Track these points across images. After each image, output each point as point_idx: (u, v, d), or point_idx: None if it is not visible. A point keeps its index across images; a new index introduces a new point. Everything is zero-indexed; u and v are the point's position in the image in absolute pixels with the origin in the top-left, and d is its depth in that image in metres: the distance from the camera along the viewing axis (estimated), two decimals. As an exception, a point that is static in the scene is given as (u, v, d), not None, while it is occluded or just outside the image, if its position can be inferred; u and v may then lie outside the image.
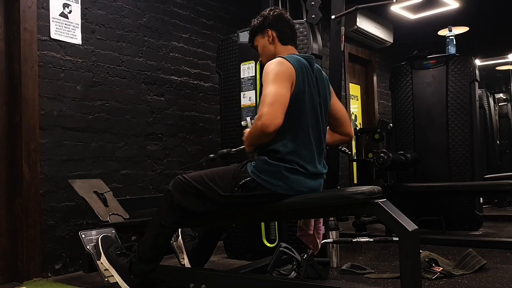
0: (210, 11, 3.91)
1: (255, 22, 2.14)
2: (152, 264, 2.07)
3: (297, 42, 2.22)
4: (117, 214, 2.69)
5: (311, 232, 2.14)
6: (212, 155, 2.31)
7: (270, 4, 3.24)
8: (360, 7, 3.01)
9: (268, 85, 1.85)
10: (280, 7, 2.16)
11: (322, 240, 2.22)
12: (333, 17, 3.03)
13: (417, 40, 5.63)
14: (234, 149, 2.23)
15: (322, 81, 2.08)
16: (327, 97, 2.10)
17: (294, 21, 2.81)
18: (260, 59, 2.18)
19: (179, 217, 2.04)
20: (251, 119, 2.11)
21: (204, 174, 2.04)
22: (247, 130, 2.01)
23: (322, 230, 2.20)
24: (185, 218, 2.07)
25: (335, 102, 2.19)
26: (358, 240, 2.06)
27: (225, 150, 2.29)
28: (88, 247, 2.30)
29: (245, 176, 1.92)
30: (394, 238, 1.73)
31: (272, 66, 1.91)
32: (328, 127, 2.17)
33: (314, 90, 1.99)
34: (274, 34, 2.09)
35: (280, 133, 1.88)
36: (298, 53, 2.11)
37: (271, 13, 2.10)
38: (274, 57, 2.04)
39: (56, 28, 2.81)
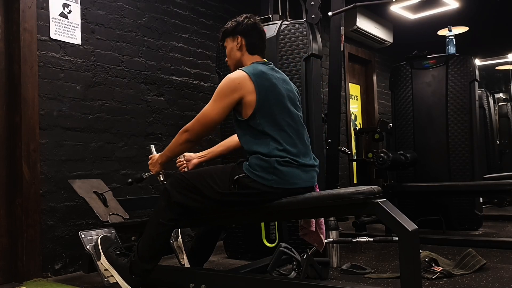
0: (210, 11, 3.91)
1: (229, 25, 2.21)
2: (152, 262, 2.07)
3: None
4: (117, 214, 2.69)
5: (313, 229, 2.14)
6: (129, 180, 2.59)
7: (270, 4, 3.24)
8: (358, 5, 3.00)
9: (209, 102, 2.09)
10: (256, 16, 2.24)
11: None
12: (330, 14, 3.02)
13: (417, 40, 5.63)
14: (146, 174, 2.42)
15: (285, 80, 2.16)
16: (295, 92, 2.17)
17: (294, 21, 2.85)
18: (226, 59, 2.26)
19: (177, 214, 2.05)
20: (153, 146, 2.40)
21: (202, 171, 2.08)
22: (153, 155, 2.27)
23: (323, 225, 2.22)
24: (183, 215, 2.08)
25: None
26: (358, 240, 2.06)
27: (138, 175, 2.55)
28: (88, 247, 2.30)
29: (240, 172, 1.96)
30: (394, 238, 1.73)
31: (222, 82, 2.05)
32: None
33: (280, 89, 2.05)
34: (243, 42, 2.16)
35: (260, 136, 1.97)
36: (263, 60, 2.17)
37: (245, 21, 2.17)
38: (239, 62, 2.18)
39: (56, 28, 2.81)
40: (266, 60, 2.19)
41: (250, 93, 1.98)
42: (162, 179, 2.28)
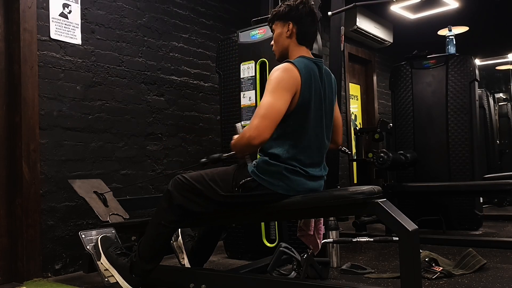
0: (210, 11, 3.91)
1: (281, 8, 2.03)
2: (153, 263, 2.07)
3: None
4: (117, 214, 2.69)
5: (311, 233, 2.14)
6: (203, 160, 2.28)
7: (270, 4, 3.24)
8: (358, 4, 3.00)
9: (267, 94, 1.85)
10: (311, 2, 2.05)
11: (322, 240, 2.22)
12: (330, 13, 3.02)
13: (417, 40, 5.63)
14: (225, 154, 2.21)
15: (330, 86, 2.06)
16: (333, 102, 2.08)
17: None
18: (272, 43, 2.10)
19: (178, 216, 2.04)
20: (240, 124, 2.11)
21: (204, 173, 2.04)
22: (236, 136, 1.98)
23: (322, 230, 2.20)
24: (185, 217, 2.07)
25: (335, 109, 2.17)
26: (358, 240, 2.07)
27: (216, 155, 2.27)
28: (88, 247, 2.30)
29: (246, 176, 1.93)
30: (394, 238, 1.73)
31: (276, 73, 1.87)
32: None
33: (321, 96, 1.97)
34: (294, 30, 2.00)
35: (282, 138, 1.89)
36: (310, 55, 2.05)
37: (300, 6, 1.99)
38: (285, 50, 2.03)
39: (56, 28, 2.81)
40: (310, 54, 2.04)
41: (298, 91, 1.88)
42: (249, 161, 2.02)
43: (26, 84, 2.63)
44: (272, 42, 2.10)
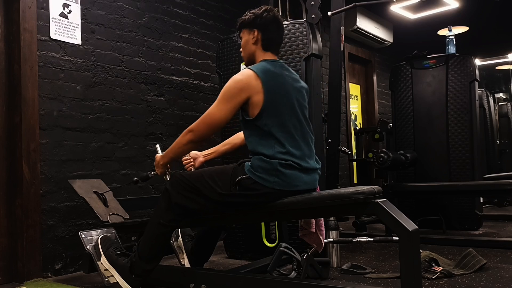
0: (210, 11, 3.91)
1: (247, 16, 2.14)
2: (153, 263, 2.07)
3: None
4: (117, 214, 2.69)
5: (313, 230, 2.14)
6: (135, 178, 2.54)
7: (270, 4, 3.24)
8: (358, 4, 3.00)
9: (214, 103, 2.04)
10: (275, 9, 2.15)
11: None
12: (329, 13, 3.02)
13: (417, 39, 5.63)
14: (152, 173, 2.38)
15: (295, 79, 2.12)
16: (304, 93, 2.13)
17: (294, 21, 2.84)
18: (241, 50, 2.20)
19: (177, 215, 2.05)
20: (159, 146, 2.38)
21: (203, 172, 2.06)
22: (158, 155, 2.22)
23: (323, 227, 2.21)
24: (184, 216, 2.07)
25: None
26: (358, 240, 2.06)
27: (144, 174, 2.50)
28: (88, 247, 2.30)
29: (242, 174, 1.95)
30: (394, 238, 1.73)
31: (228, 83, 2.01)
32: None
33: (289, 90, 2.03)
34: (259, 37, 2.09)
35: (265, 138, 1.94)
36: (275, 58, 2.13)
37: (264, 14, 2.09)
38: (252, 56, 2.13)
39: (56, 28, 2.81)
40: (277, 58, 2.13)
41: (257, 92, 1.94)
42: (168, 179, 2.23)
43: (26, 84, 2.63)
44: (241, 49, 2.19)
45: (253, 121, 1.98)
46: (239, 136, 2.38)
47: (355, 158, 4.61)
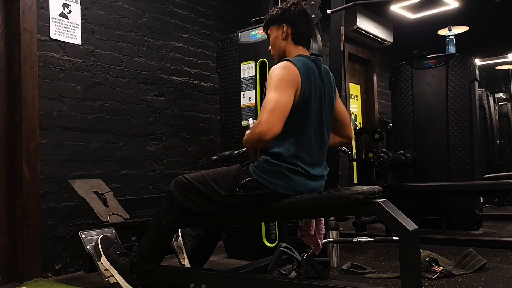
0: (210, 11, 3.91)
1: (274, 12, 2.06)
2: (153, 263, 2.07)
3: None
4: (117, 214, 2.69)
5: (312, 233, 2.14)
6: (214, 157, 2.30)
7: (270, 4, 3.23)
8: (358, 3, 2.99)
9: (271, 91, 1.85)
10: (303, 2, 2.08)
11: (323, 240, 2.22)
12: (329, 11, 3.02)
13: (417, 39, 5.63)
14: (236, 151, 2.23)
15: (329, 84, 2.06)
16: (333, 100, 2.08)
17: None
18: (269, 48, 2.13)
19: (179, 217, 2.04)
20: (253, 119, 2.08)
21: (205, 174, 2.04)
22: (248, 132, 1.98)
23: (323, 230, 2.20)
24: (186, 218, 2.07)
25: (339, 104, 2.16)
26: (358, 240, 2.07)
27: (227, 152, 2.29)
28: (88, 247, 2.30)
29: (247, 176, 1.92)
30: (395, 238, 1.73)
31: (277, 71, 1.89)
32: None
33: (321, 93, 1.98)
34: (289, 31, 2.02)
35: (283, 136, 1.87)
36: (308, 54, 2.07)
37: (292, 8, 2.02)
38: (282, 52, 2.05)
39: (56, 28, 2.81)
40: (308, 53, 2.06)
41: (298, 88, 1.88)
42: (258, 158, 2.00)
43: (26, 84, 2.63)
44: (270, 47, 2.12)
45: None
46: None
47: (355, 158, 4.61)
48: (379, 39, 5.88)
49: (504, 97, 7.09)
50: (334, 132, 2.18)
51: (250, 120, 2.10)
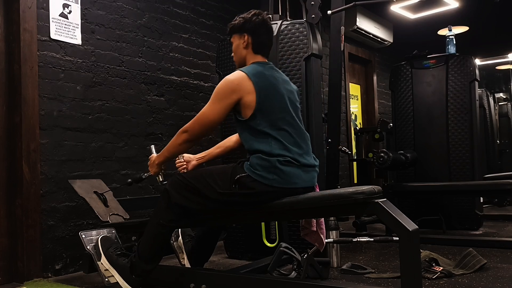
0: (210, 11, 3.91)
1: (237, 21, 2.18)
2: (153, 263, 2.07)
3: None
4: (117, 214, 2.69)
5: (314, 229, 2.15)
6: (129, 180, 2.56)
7: (270, 4, 3.24)
8: (358, 3, 3.00)
9: (207, 103, 2.09)
10: (264, 12, 2.20)
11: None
12: (329, 12, 3.02)
13: (417, 39, 5.63)
14: (145, 174, 2.42)
15: (284, 80, 2.16)
16: (294, 92, 2.16)
17: (294, 21, 2.84)
18: (232, 54, 2.25)
19: (177, 215, 2.05)
20: (154, 146, 2.40)
21: (202, 172, 2.07)
22: (152, 156, 2.26)
23: (323, 225, 2.22)
24: (183, 216, 2.08)
25: None
26: (358, 239, 2.06)
27: (138, 175, 2.55)
28: (88, 247, 2.30)
29: (241, 172, 1.95)
30: (395, 238, 1.73)
31: (219, 84, 2.06)
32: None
33: (280, 90, 2.05)
34: (250, 41, 2.13)
35: (262, 135, 1.96)
36: (264, 60, 2.16)
37: (253, 18, 2.13)
38: (243, 60, 2.17)
39: (56, 28, 2.81)
40: (266, 60, 2.18)
41: (249, 93, 1.98)
42: (161, 179, 2.29)
43: (26, 84, 2.63)
44: (232, 54, 2.23)
45: (247, 121, 2.00)
46: (231, 139, 2.42)
47: (355, 158, 4.61)
48: (379, 39, 5.88)
49: (504, 97, 7.09)
50: None
51: (152, 147, 2.39)
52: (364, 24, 5.44)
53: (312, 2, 2.98)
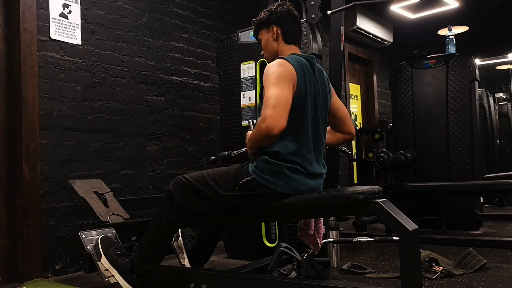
0: (210, 11, 3.91)
1: (262, 16, 2.10)
2: (153, 263, 2.07)
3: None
4: (117, 214, 2.69)
5: (312, 232, 2.14)
6: (213, 157, 2.33)
7: (270, 4, 3.23)
8: (358, 3, 3.00)
9: (270, 87, 1.84)
10: (288, 2, 2.12)
11: (323, 240, 2.22)
12: (329, 12, 3.02)
13: (417, 39, 5.63)
14: (235, 151, 2.25)
15: (323, 81, 2.08)
16: (328, 97, 2.10)
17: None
18: (262, 53, 2.16)
19: (179, 217, 2.04)
20: (252, 120, 2.13)
21: (205, 173, 2.04)
22: (249, 132, 2.01)
23: (322, 230, 2.20)
24: (185, 218, 2.07)
25: (336, 101, 2.18)
26: (358, 239, 2.07)
27: (226, 152, 2.32)
28: (88, 247, 2.30)
29: (247, 176, 1.92)
30: (395, 238, 1.73)
31: (273, 68, 1.89)
32: (330, 126, 2.17)
33: (315, 90, 1.99)
34: (279, 31, 2.05)
35: (281, 134, 1.86)
36: (300, 53, 2.09)
37: (279, 9, 2.06)
38: (275, 54, 2.06)
39: (56, 28, 2.81)
40: (310, 54, 2.09)
41: (294, 86, 1.89)
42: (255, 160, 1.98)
43: (26, 84, 2.63)
44: (262, 52, 2.14)
45: None
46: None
47: (355, 158, 4.61)
48: (379, 39, 5.88)
49: (504, 97, 7.09)
50: (336, 129, 2.20)
51: (250, 121, 2.11)
52: (364, 24, 5.44)
53: (312, 2, 2.98)
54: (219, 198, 1.96)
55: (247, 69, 2.98)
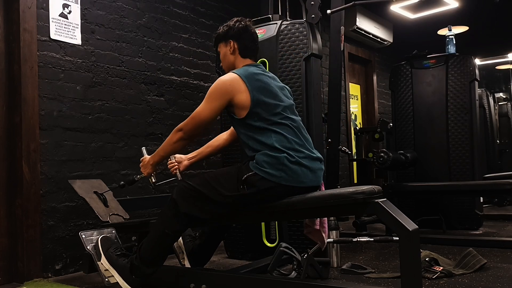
0: (210, 11, 3.91)
1: (221, 30, 2.24)
2: (154, 267, 2.07)
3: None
4: (117, 214, 2.69)
5: (318, 228, 2.15)
6: (121, 182, 2.58)
7: (270, 4, 3.24)
8: (358, 3, 3.00)
9: (202, 101, 2.11)
10: (246, 19, 2.28)
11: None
12: (329, 11, 3.02)
13: (417, 39, 5.63)
14: (138, 176, 2.44)
15: (277, 81, 2.22)
16: (286, 90, 2.20)
17: (294, 20, 2.85)
18: (221, 64, 2.31)
19: (184, 226, 2.06)
20: (145, 148, 2.44)
21: (207, 177, 2.06)
22: (145, 157, 2.31)
23: (326, 223, 2.23)
24: (189, 226, 2.09)
25: None
26: (358, 239, 2.07)
27: (130, 178, 2.56)
28: (88, 247, 2.30)
29: (248, 171, 1.95)
30: (395, 238, 1.73)
31: (214, 84, 2.08)
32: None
33: (274, 88, 2.10)
34: (236, 46, 2.19)
35: (260, 130, 1.99)
36: (253, 63, 2.21)
37: (237, 24, 2.20)
38: (232, 66, 2.21)
39: (56, 28, 2.81)
40: (256, 63, 2.23)
41: (242, 93, 2.01)
42: (154, 180, 2.32)
43: (26, 84, 2.63)
44: (221, 63, 2.29)
45: (244, 120, 2.02)
46: (221, 137, 2.47)
47: (355, 158, 4.61)
48: (379, 39, 5.88)
49: (504, 97, 7.09)
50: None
51: (144, 149, 2.42)
52: (364, 24, 5.44)
53: (312, 2, 2.98)
54: (224, 199, 1.98)
55: (247, 69, 2.97)
